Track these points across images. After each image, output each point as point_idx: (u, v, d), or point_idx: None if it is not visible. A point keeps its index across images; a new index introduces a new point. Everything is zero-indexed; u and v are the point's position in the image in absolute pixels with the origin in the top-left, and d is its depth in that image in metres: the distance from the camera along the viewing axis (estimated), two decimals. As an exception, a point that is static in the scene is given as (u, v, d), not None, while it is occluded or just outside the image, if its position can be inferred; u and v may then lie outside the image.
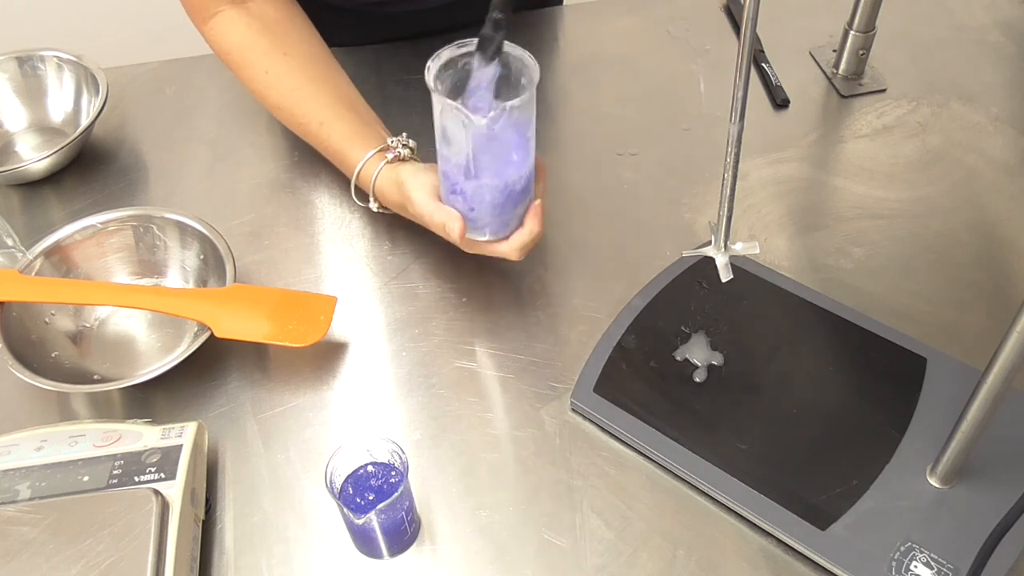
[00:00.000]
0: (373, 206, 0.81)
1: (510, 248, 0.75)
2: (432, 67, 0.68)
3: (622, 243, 0.86)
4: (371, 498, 0.64)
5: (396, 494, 0.61)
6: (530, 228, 0.74)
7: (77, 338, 0.79)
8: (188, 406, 0.75)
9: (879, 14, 0.97)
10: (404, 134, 0.80)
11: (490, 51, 0.67)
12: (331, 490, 0.63)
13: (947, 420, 0.64)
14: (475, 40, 0.68)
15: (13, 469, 0.65)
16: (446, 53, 0.69)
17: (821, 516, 0.65)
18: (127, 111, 0.99)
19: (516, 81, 0.70)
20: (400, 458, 0.64)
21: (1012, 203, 0.88)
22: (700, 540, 0.67)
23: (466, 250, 0.77)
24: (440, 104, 0.68)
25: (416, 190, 0.75)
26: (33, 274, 0.78)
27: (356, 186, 0.81)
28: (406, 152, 0.79)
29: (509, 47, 0.69)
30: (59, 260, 0.80)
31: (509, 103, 0.66)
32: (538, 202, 0.75)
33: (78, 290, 0.78)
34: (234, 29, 0.83)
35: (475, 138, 0.68)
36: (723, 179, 0.65)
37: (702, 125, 0.97)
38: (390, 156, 0.79)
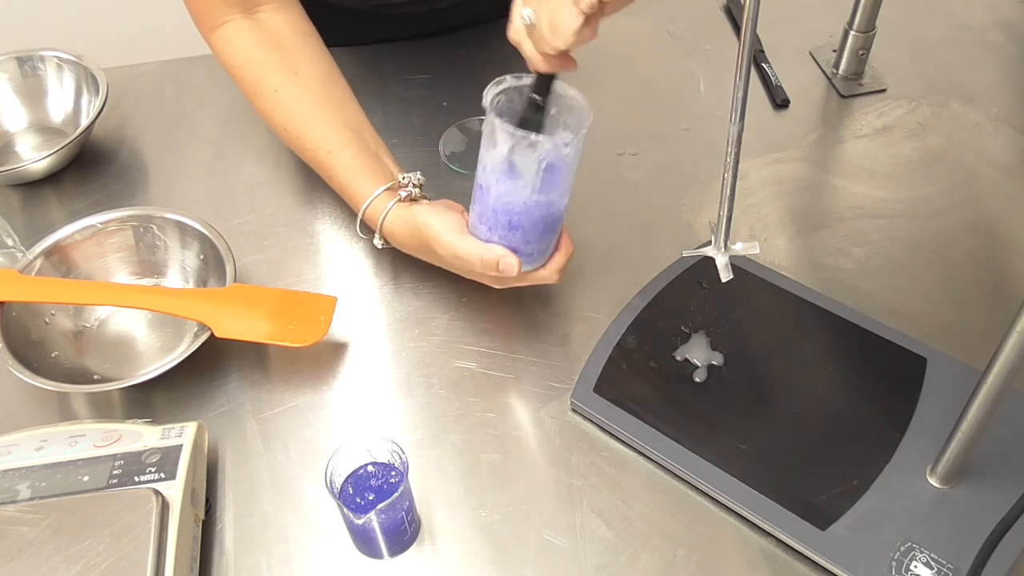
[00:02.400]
0: (378, 243, 0.79)
1: (550, 272, 0.74)
2: (489, 96, 0.67)
3: (622, 243, 0.86)
4: (371, 498, 0.64)
5: (396, 494, 0.61)
6: (565, 249, 0.74)
7: (77, 338, 0.79)
8: (188, 406, 0.75)
9: (879, 14, 0.97)
10: (417, 172, 0.78)
11: (532, 129, 0.67)
12: (331, 490, 0.63)
13: (947, 420, 0.64)
14: (526, 75, 0.68)
15: (13, 469, 0.65)
16: (493, 90, 0.68)
17: (821, 516, 0.65)
18: (127, 111, 0.99)
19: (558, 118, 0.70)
20: (400, 458, 0.64)
21: (1012, 203, 0.88)
22: (700, 540, 0.67)
23: (499, 287, 0.75)
24: (511, 140, 0.66)
25: (446, 232, 0.72)
26: (33, 274, 0.78)
27: (362, 221, 0.79)
28: (417, 192, 0.77)
29: (561, 88, 0.69)
30: (59, 260, 0.80)
31: (583, 132, 0.66)
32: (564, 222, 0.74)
33: (78, 290, 0.78)
34: (244, 41, 0.80)
35: (546, 170, 0.67)
36: (723, 179, 0.65)
37: (702, 125, 0.97)
38: (402, 195, 0.76)
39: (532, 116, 0.67)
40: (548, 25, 0.60)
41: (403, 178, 0.77)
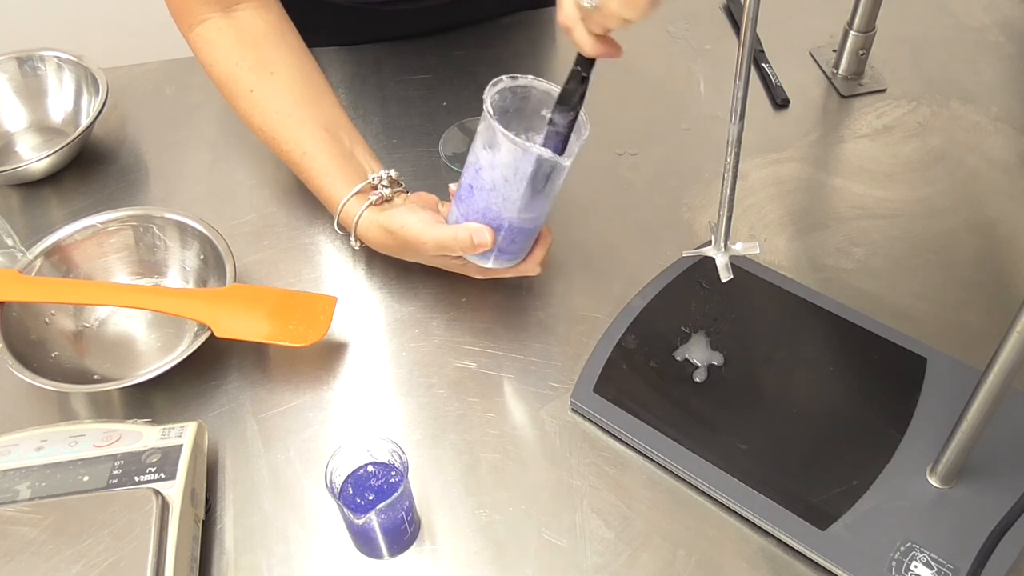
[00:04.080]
0: (354, 244, 0.79)
1: (532, 265, 0.75)
2: (488, 99, 0.67)
3: (622, 243, 0.86)
4: (371, 498, 0.64)
5: (396, 494, 0.61)
6: (544, 241, 0.75)
7: (77, 338, 0.79)
8: (188, 406, 0.75)
9: (879, 14, 0.97)
10: (392, 171, 0.77)
11: (572, 102, 0.67)
12: (331, 490, 0.63)
13: (947, 420, 0.64)
14: (521, 76, 0.69)
15: (13, 469, 0.65)
16: (491, 92, 0.68)
17: (821, 516, 0.65)
18: (127, 111, 0.99)
19: (533, 113, 0.72)
20: (400, 458, 0.64)
21: (1012, 203, 0.88)
22: (700, 540, 0.67)
23: (480, 277, 0.76)
24: (516, 153, 0.66)
25: (425, 230, 0.72)
26: (33, 274, 0.78)
27: (339, 223, 0.79)
28: (388, 192, 0.77)
29: (540, 83, 0.70)
30: (59, 260, 0.80)
31: (580, 144, 0.67)
32: None
33: (78, 290, 0.78)
34: (222, 40, 0.80)
35: (542, 179, 0.68)
36: (723, 179, 0.65)
37: (702, 125, 0.97)
38: (373, 198, 0.76)
39: (576, 87, 0.67)
40: (621, 2, 0.60)
41: (373, 178, 0.77)
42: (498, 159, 0.67)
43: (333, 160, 0.78)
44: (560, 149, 0.68)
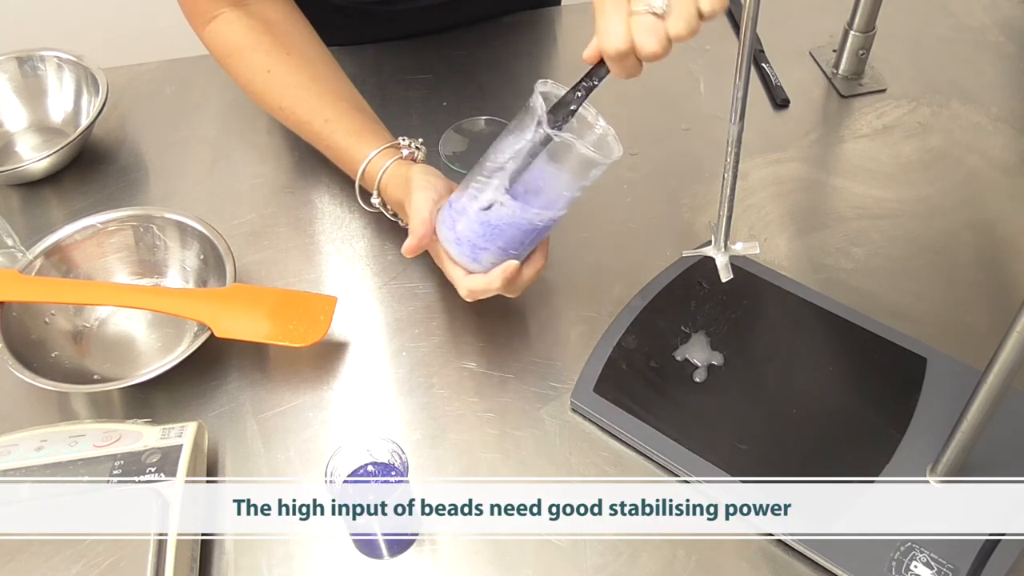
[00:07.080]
0: (375, 201, 0.79)
1: (491, 278, 0.70)
2: (541, 102, 0.66)
3: (622, 243, 0.86)
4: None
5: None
6: (536, 265, 0.72)
7: (77, 338, 0.79)
8: (188, 406, 0.75)
9: (879, 14, 0.97)
10: (420, 140, 0.79)
11: (564, 114, 0.65)
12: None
13: (947, 420, 0.64)
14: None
15: (13, 469, 0.65)
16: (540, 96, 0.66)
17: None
18: (127, 111, 0.99)
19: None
20: (400, 458, 0.64)
21: (1012, 203, 0.88)
22: (700, 540, 0.67)
23: (470, 300, 0.73)
24: (535, 132, 0.64)
25: (418, 189, 0.72)
26: (33, 274, 0.78)
27: (360, 184, 0.79)
28: (420, 155, 0.78)
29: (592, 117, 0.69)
30: (59, 260, 0.80)
31: (591, 140, 0.66)
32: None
33: (78, 290, 0.78)
34: (235, 31, 0.82)
35: (566, 169, 0.66)
36: (723, 179, 0.65)
37: (702, 125, 0.97)
38: (404, 153, 0.77)
39: (576, 98, 0.66)
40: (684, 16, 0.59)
41: (403, 139, 0.78)
42: (515, 142, 0.66)
43: (355, 122, 0.79)
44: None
